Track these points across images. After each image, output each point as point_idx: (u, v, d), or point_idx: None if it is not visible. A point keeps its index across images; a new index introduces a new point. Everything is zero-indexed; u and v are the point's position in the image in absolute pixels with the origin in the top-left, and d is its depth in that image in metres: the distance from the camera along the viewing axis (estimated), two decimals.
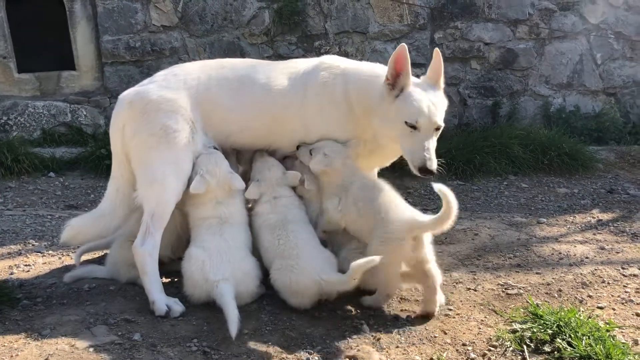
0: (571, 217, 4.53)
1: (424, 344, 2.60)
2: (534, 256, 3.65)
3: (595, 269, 3.42)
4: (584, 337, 2.50)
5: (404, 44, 2.84)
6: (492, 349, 2.56)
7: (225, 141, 3.11)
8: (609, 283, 3.25)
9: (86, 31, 6.31)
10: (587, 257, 3.62)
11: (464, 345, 2.59)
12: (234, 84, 3.08)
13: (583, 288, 3.18)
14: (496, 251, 3.73)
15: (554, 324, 2.62)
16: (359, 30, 6.51)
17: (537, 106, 6.89)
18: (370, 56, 6.43)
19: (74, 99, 6.33)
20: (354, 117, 3.05)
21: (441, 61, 2.97)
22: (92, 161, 5.44)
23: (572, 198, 5.09)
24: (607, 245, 3.83)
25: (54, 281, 3.20)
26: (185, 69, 3.14)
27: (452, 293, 3.10)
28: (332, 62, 3.16)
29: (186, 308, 2.82)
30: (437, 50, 2.99)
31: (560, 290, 3.15)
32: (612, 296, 3.08)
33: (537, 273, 3.38)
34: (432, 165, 2.79)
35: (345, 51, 6.42)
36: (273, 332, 2.66)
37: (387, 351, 2.53)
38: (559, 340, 2.52)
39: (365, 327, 2.71)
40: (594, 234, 4.11)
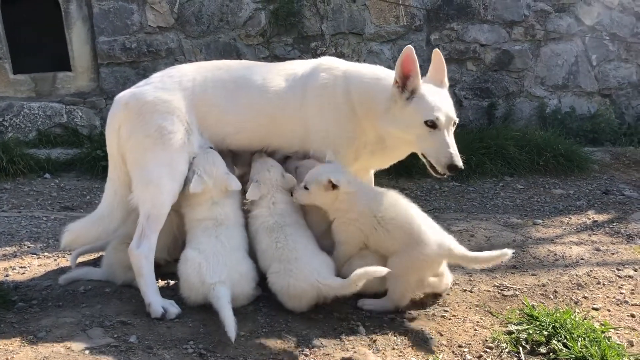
0: (567, 218, 4.53)
1: (420, 345, 2.60)
2: (529, 257, 3.66)
3: (591, 270, 3.43)
4: (580, 339, 2.51)
5: (410, 46, 2.83)
6: (488, 350, 2.57)
7: (221, 142, 3.10)
8: (604, 284, 3.25)
9: (82, 32, 6.30)
10: (582, 259, 3.63)
11: (459, 346, 2.59)
12: (229, 85, 3.08)
13: (578, 289, 3.19)
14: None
15: (549, 325, 2.62)
16: (355, 31, 6.52)
17: (532, 107, 6.91)
18: (367, 57, 6.44)
19: (69, 100, 6.31)
20: (355, 119, 3.06)
21: (443, 61, 2.99)
22: (87, 162, 5.42)
23: (567, 199, 5.10)
24: (603, 247, 3.84)
25: (49, 283, 3.18)
26: (181, 70, 3.14)
27: (448, 294, 3.10)
28: (331, 64, 3.16)
29: (182, 310, 2.81)
30: (438, 50, 3.01)
31: (555, 292, 3.16)
32: (607, 297, 3.09)
33: (532, 274, 3.39)
34: (459, 161, 2.84)
35: (341, 52, 6.43)
36: (269, 334, 2.66)
37: (383, 353, 2.53)
38: (554, 341, 2.53)
39: (362, 329, 2.71)
40: (590, 235, 4.12)
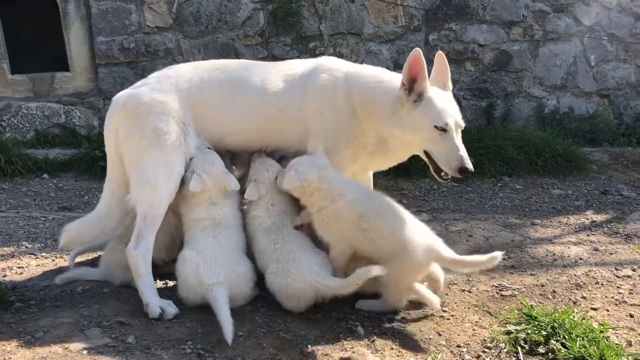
0: (565, 219, 4.53)
1: (418, 345, 2.60)
2: (528, 257, 3.66)
3: (589, 270, 3.43)
4: (578, 339, 2.51)
5: (418, 48, 2.82)
6: (486, 350, 2.57)
7: (219, 143, 3.09)
8: (602, 284, 3.25)
9: (80, 32, 6.28)
10: (581, 259, 3.63)
11: (458, 346, 2.59)
12: (226, 86, 3.07)
13: (577, 289, 3.19)
14: (490, 252, 3.72)
15: (548, 325, 2.62)
16: (353, 31, 6.51)
17: (531, 108, 6.91)
18: (365, 58, 6.44)
19: (67, 100, 6.30)
20: (355, 120, 3.05)
21: (447, 63, 2.98)
22: (86, 162, 5.41)
23: (566, 199, 5.10)
24: (601, 247, 3.84)
25: (47, 283, 3.18)
26: (178, 70, 3.13)
27: (447, 294, 3.10)
28: (332, 65, 3.15)
29: (180, 310, 2.81)
30: (441, 53, 3.00)
31: (554, 292, 3.16)
32: (605, 297, 3.09)
33: (531, 274, 3.39)
34: (470, 164, 2.83)
35: (339, 52, 6.42)
36: (267, 334, 2.66)
37: (382, 353, 2.52)
38: (553, 341, 2.53)
39: (360, 329, 2.71)
40: (588, 235, 4.12)
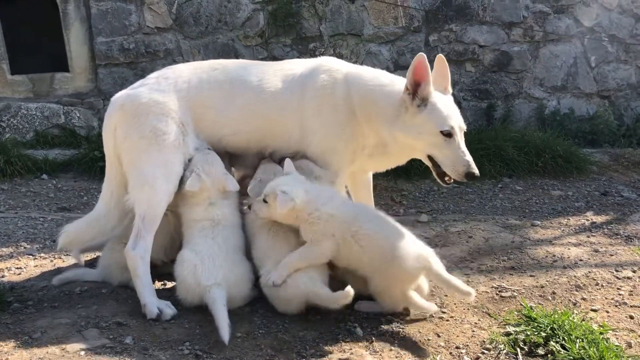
0: (565, 220, 4.52)
1: (417, 347, 2.58)
2: (528, 259, 3.65)
3: (589, 272, 3.42)
4: (578, 340, 2.50)
5: (422, 53, 2.81)
6: (485, 352, 2.55)
7: (217, 144, 3.09)
8: (602, 286, 3.24)
9: (80, 33, 6.28)
10: (581, 260, 3.62)
11: (457, 348, 2.58)
12: (225, 86, 3.07)
13: (577, 291, 3.18)
14: (490, 254, 3.73)
15: (547, 326, 2.61)
16: (353, 32, 6.51)
17: (531, 109, 6.90)
18: (365, 58, 6.44)
19: (67, 101, 6.30)
20: (354, 122, 3.04)
21: (447, 67, 2.97)
22: (85, 163, 5.41)
23: (566, 200, 5.09)
24: (601, 248, 3.83)
25: (45, 284, 3.17)
26: (177, 71, 3.12)
27: (446, 296, 3.09)
28: (331, 65, 3.14)
29: (178, 311, 2.80)
30: (441, 56, 2.98)
31: (554, 293, 3.15)
32: (605, 299, 3.08)
33: (531, 276, 3.38)
34: (476, 169, 2.84)
35: (339, 53, 6.42)
36: (266, 335, 2.65)
37: (381, 354, 2.51)
38: (552, 343, 2.52)
39: (359, 331, 2.69)
40: (588, 237, 4.11)
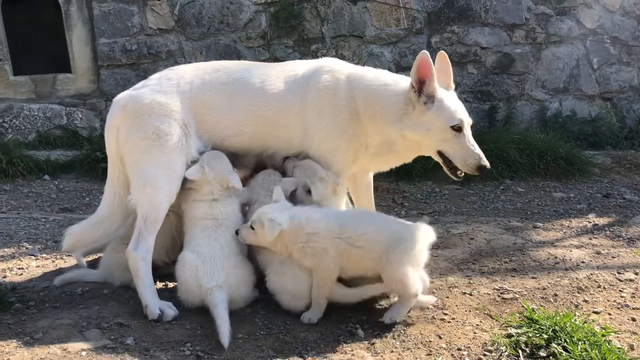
0: (567, 222, 4.52)
1: (419, 348, 2.58)
2: (529, 260, 3.64)
3: (591, 274, 3.41)
4: (580, 342, 2.49)
5: (425, 51, 2.84)
6: (487, 353, 2.55)
7: (220, 145, 3.09)
8: (604, 288, 3.24)
9: (82, 34, 6.30)
10: (583, 262, 3.61)
11: (459, 349, 2.58)
12: (227, 87, 3.07)
13: (579, 293, 3.17)
14: (492, 255, 3.72)
15: (549, 328, 2.61)
16: (355, 34, 6.51)
17: (533, 111, 6.89)
18: (367, 60, 6.43)
19: (69, 102, 6.31)
20: (357, 122, 3.05)
21: (449, 63, 2.99)
22: (87, 164, 5.41)
23: (568, 202, 5.08)
24: (603, 250, 3.82)
25: (47, 284, 3.18)
26: (179, 72, 3.12)
27: (448, 297, 3.09)
28: (333, 66, 3.15)
29: (180, 312, 2.80)
30: (443, 52, 3.00)
31: (556, 295, 3.14)
32: (608, 301, 3.07)
33: (533, 277, 3.37)
34: (487, 161, 2.87)
35: (341, 55, 6.41)
36: (267, 337, 2.65)
37: (382, 356, 2.51)
38: (554, 345, 2.51)
39: (360, 332, 2.69)
40: (590, 239, 4.10)
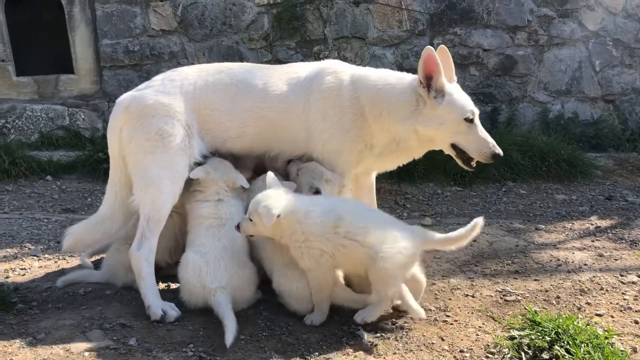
0: (569, 224, 4.51)
1: (421, 350, 2.58)
2: (532, 263, 3.64)
3: (594, 276, 3.41)
4: (583, 345, 2.49)
5: (429, 46, 2.88)
6: (489, 355, 2.55)
7: (222, 146, 3.09)
8: (607, 290, 3.23)
9: (85, 35, 6.31)
10: (585, 264, 3.61)
11: (461, 352, 2.57)
12: (231, 89, 3.07)
13: (581, 295, 3.17)
14: (494, 257, 3.72)
15: (552, 331, 2.60)
16: (358, 35, 6.51)
17: (535, 113, 6.89)
18: (370, 62, 6.43)
19: (72, 103, 6.32)
20: (362, 123, 3.05)
21: (450, 57, 3.02)
22: (89, 165, 5.42)
23: (570, 205, 5.08)
24: (606, 252, 3.82)
25: (49, 285, 3.18)
26: (183, 73, 3.12)
27: (450, 299, 3.08)
28: (337, 67, 3.15)
29: (182, 313, 2.80)
30: (444, 46, 3.03)
31: (558, 297, 3.14)
32: (610, 303, 3.07)
33: (535, 279, 3.37)
34: (499, 149, 2.93)
35: (344, 56, 6.42)
36: (269, 338, 2.65)
37: (384, 358, 2.51)
38: (557, 347, 2.51)
39: (362, 333, 2.68)
40: (593, 241, 4.10)
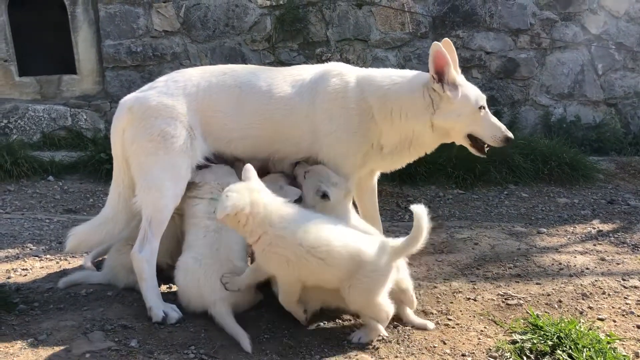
0: (571, 228, 4.51)
1: (423, 354, 2.58)
2: (534, 266, 3.63)
3: (596, 280, 3.40)
4: (585, 349, 2.49)
5: (437, 42, 2.90)
6: (491, 359, 2.54)
7: (225, 148, 3.08)
8: (609, 294, 3.23)
9: (88, 35, 6.32)
10: (587, 268, 3.60)
11: (463, 355, 2.57)
12: (234, 91, 3.06)
13: (583, 299, 3.17)
14: (496, 261, 3.72)
15: (554, 335, 2.60)
16: (360, 37, 6.52)
17: (537, 116, 6.89)
18: (372, 64, 6.43)
19: (74, 103, 6.32)
20: (369, 123, 3.05)
21: (454, 49, 3.03)
22: (91, 165, 5.42)
23: (572, 208, 5.07)
24: (608, 256, 3.81)
25: (51, 286, 3.18)
26: (186, 75, 3.12)
27: (452, 303, 3.08)
28: (341, 70, 3.15)
29: (183, 315, 2.80)
30: (447, 39, 3.03)
31: (560, 301, 3.13)
32: (612, 308, 3.07)
33: (537, 283, 3.36)
34: (510, 132, 3.04)
35: (346, 58, 6.42)
36: (271, 340, 2.65)
37: None
38: (559, 351, 2.51)
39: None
40: (595, 245, 4.09)
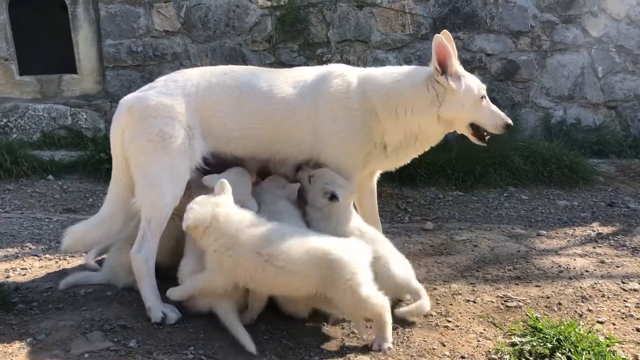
0: (571, 230, 4.51)
1: (422, 356, 2.57)
2: (533, 268, 3.63)
3: (595, 283, 3.40)
4: (584, 352, 2.48)
5: (438, 34, 2.92)
6: None
7: (225, 147, 3.07)
8: (609, 297, 3.22)
9: (88, 35, 6.32)
10: (587, 271, 3.60)
11: (462, 357, 2.57)
12: (234, 91, 3.06)
13: (583, 302, 3.16)
14: (496, 263, 3.72)
15: (553, 337, 2.60)
16: (361, 39, 6.52)
17: (537, 118, 6.90)
18: (372, 65, 6.34)
19: (74, 103, 6.32)
20: (372, 124, 3.06)
21: (453, 42, 3.04)
22: (91, 165, 5.42)
23: (572, 211, 5.07)
24: (607, 259, 3.81)
25: (50, 285, 3.17)
26: (186, 75, 3.12)
27: (451, 304, 3.08)
28: (343, 71, 3.16)
29: (183, 315, 2.80)
30: (446, 31, 3.06)
31: (560, 304, 3.13)
32: (612, 311, 3.06)
33: (536, 286, 3.36)
34: (509, 118, 3.10)
35: (347, 59, 6.42)
36: (270, 341, 2.64)
37: None
38: (558, 354, 2.50)
39: (364, 337, 2.68)
40: (594, 247, 4.09)
